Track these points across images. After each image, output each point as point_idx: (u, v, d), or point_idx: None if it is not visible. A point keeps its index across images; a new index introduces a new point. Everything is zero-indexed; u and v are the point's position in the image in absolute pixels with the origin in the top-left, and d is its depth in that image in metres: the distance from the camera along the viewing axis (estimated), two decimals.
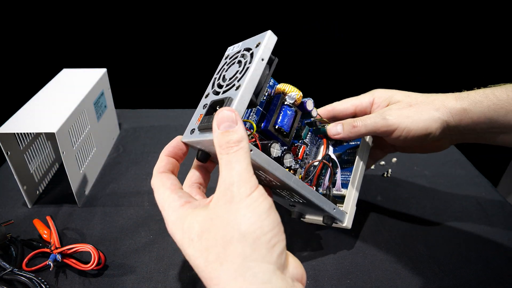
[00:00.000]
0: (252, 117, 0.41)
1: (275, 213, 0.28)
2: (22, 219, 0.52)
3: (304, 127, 0.45)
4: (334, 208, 0.42)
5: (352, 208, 0.44)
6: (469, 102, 0.39)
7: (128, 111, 0.83)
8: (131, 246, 0.48)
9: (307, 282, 0.43)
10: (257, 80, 0.34)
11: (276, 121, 0.41)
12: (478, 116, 0.39)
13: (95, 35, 1.10)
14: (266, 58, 0.35)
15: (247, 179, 0.28)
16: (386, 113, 0.41)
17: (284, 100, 0.42)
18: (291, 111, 0.42)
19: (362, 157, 0.47)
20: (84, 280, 0.43)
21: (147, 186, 0.60)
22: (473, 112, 0.39)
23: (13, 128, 0.48)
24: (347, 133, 0.43)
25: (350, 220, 0.44)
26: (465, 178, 0.63)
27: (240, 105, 0.32)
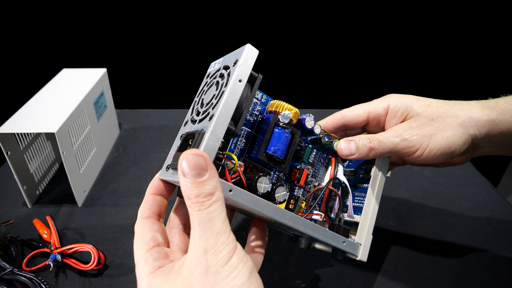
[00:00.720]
0: (240, 142, 0.35)
1: (256, 278, 0.26)
2: (22, 219, 0.52)
3: (306, 147, 0.39)
4: (343, 241, 0.37)
5: (367, 238, 0.38)
6: (497, 112, 0.36)
7: (128, 111, 0.83)
8: (131, 246, 0.48)
9: (307, 282, 0.43)
10: (234, 105, 0.29)
11: (268, 147, 0.35)
12: (508, 127, 0.36)
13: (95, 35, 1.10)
14: (244, 78, 0.30)
15: (223, 242, 0.25)
16: (406, 133, 0.37)
17: (277, 120, 0.35)
18: (286, 133, 0.35)
19: (379, 175, 0.40)
20: (84, 280, 0.43)
21: (147, 186, 0.59)
22: (503, 123, 0.36)
23: (13, 128, 0.48)
24: (362, 155, 0.37)
25: (365, 252, 0.38)
26: (465, 178, 0.63)
27: (213, 141, 0.28)
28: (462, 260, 0.46)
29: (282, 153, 0.35)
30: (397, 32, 1.08)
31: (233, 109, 0.29)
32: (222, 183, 0.28)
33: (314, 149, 0.40)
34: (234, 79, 0.30)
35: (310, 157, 0.40)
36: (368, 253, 0.38)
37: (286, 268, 0.45)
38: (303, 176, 0.39)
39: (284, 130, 0.35)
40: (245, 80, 0.30)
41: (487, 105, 0.36)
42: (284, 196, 0.33)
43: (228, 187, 0.29)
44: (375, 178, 0.39)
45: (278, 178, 0.38)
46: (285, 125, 0.35)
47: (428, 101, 0.38)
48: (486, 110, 0.36)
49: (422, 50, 1.10)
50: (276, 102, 0.36)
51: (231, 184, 0.29)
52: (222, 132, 0.28)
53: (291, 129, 0.35)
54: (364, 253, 0.38)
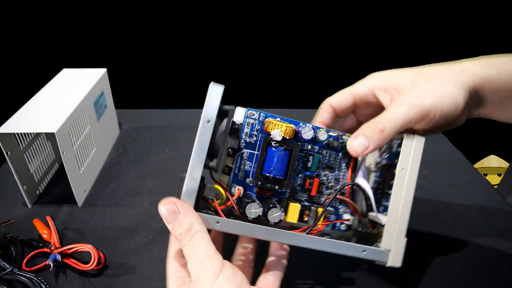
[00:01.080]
0: (243, 165, 0.36)
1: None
2: (22, 219, 0.52)
3: (313, 155, 0.37)
4: (363, 250, 0.34)
5: (397, 241, 0.34)
6: (492, 68, 0.34)
7: (128, 111, 0.83)
8: (131, 246, 0.48)
9: (307, 282, 0.43)
10: (206, 146, 0.31)
11: (264, 168, 0.35)
12: (501, 85, 0.34)
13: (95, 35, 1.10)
14: (212, 118, 0.32)
15: (207, 265, 0.29)
16: (410, 98, 0.34)
17: (269, 140, 0.34)
18: (280, 152, 0.34)
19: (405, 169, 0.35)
20: (84, 280, 0.43)
21: (147, 186, 0.60)
22: (497, 80, 0.34)
23: (13, 128, 0.48)
24: (377, 142, 0.34)
25: (397, 257, 0.34)
26: (465, 178, 0.63)
27: (191, 183, 0.31)
28: (462, 260, 0.46)
29: (280, 172, 0.35)
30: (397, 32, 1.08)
31: (205, 149, 0.32)
32: (208, 218, 0.32)
33: (332, 153, 0.38)
34: (202, 121, 0.32)
35: (325, 162, 0.38)
36: (401, 257, 0.35)
37: None
38: (314, 186, 0.37)
39: (277, 149, 0.34)
40: (213, 119, 0.32)
41: (480, 62, 0.35)
42: (279, 216, 0.34)
43: (215, 220, 0.32)
44: (401, 172, 0.35)
45: (292, 190, 0.37)
46: (278, 143, 0.34)
47: (414, 69, 0.36)
48: (480, 66, 0.34)
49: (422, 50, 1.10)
50: (267, 122, 0.35)
51: (216, 217, 0.32)
52: (199, 173, 0.32)
53: (286, 146, 0.35)
54: (396, 259, 0.34)
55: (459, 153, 0.70)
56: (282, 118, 0.36)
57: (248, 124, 0.35)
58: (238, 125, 0.35)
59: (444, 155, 0.69)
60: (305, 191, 0.38)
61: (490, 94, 0.35)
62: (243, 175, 0.36)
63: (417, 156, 0.36)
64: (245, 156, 0.36)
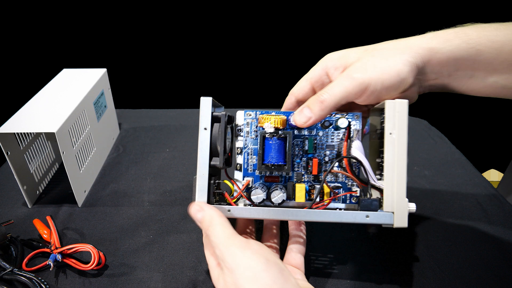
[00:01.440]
0: (251, 158, 0.41)
1: (275, 264, 0.31)
2: (22, 219, 0.52)
3: (308, 138, 0.41)
4: (366, 215, 0.36)
5: (399, 203, 0.36)
6: (437, 40, 0.35)
7: (128, 111, 0.83)
8: (131, 246, 0.48)
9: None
10: (207, 149, 0.37)
11: (264, 159, 0.39)
12: (447, 56, 0.35)
13: (95, 35, 1.10)
14: (208, 125, 0.38)
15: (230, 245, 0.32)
16: (351, 71, 0.36)
17: (264, 133, 0.39)
18: (275, 141, 0.38)
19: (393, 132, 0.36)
20: (84, 280, 0.43)
21: (147, 186, 0.60)
22: (442, 51, 0.35)
23: (13, 128, 0.48)
24: (318, 113, 0.35)
25: (401, 218, 0.36)
26: (465, 178, 0.63)
27: (202, 181, 0.37)
28: (462, 260, 0.46)
29: (279, 159, 0.39)
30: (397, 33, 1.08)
31: (207, 152, 0.37)
32: (220, 207, 0.37)
33: (327, 132, 0.41)
34: (200, 129, 0.38)
35: (324, 142, 0.41)
36: (406, 218, 0.36)
37: None
38: (314, 166, 0.41)
39: (272, 139, 0.39)
40: (209, 126, 0.38)
41: (425, 36, 0.36)
42: (281, 197, 0.39)
43: (227, 209, 0.37)
44: (389, 136, 0.36)
45: (298, 174, 0.41)
46: (272, 134, 0.39)
47: (363, 47, 0.38)
48: (425, 39, 0.36)
49: None
50: (260, 118, 0.40)
51: (228, 206, 0.37)
52: (206, 173, 0.37)
53: (279, 135, 0.39)
54: (401, 219, 0.36)
55: (459, 153, 0.70)
56: (277, 112, 0.40)
57: (247, 124, 0.41)
58: (240, 126, 0.41)
59: (444, 155, 0.69)
60: (309, 172, 0.41)
61: (437, 66, 0.36)
62: (252, 168, 0.41)
63: (403, 119, 0.36)
64: (251, 152, 0.41)
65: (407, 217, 0.36)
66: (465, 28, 0.36)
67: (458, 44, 0.35)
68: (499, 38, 0.34)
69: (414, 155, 0.68)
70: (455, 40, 0.35)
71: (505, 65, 0.35)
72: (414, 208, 0.36)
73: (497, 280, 0.44)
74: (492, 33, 0.35)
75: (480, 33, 0.35)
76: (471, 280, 0.44)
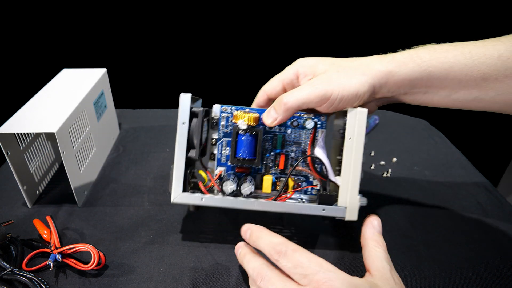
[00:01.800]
0: (224, 150, 0.45)
1: None
2: (22, 219, 0.52)
3: (278, 135, 0.45)
4: (323, 209, 0.42)
5: (352, 199, 0.41)
6: (394, 64, 0.40)
7: (128, 111, 0.83)
8: (131, 246, 0.48)
9: None
10: (185, 141, 0.41)
11: (237, 152, 0.43)
12: (403, 78, 0.40)
13: (95, 35, 1.10)
14: (186, 119, 0.41)
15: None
16: (316, 82, 0.40)
17: (238, 129, 0.42)
18: (247, 137, 0.42)
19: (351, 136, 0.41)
20: (84, 280, 0.43)
21: (147, 186, 0.60)
22: (398, 74, 0.39)
23: (13, 128, 0.48)
24: (282, 114, 0.40)
25: (352, 212, 0.42)
26: (465, 178, 0.63)
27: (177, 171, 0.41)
28: (462, 260, 0.46)
29: (250, 154, 0.42)
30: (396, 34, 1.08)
31: (184, 144, 0.41)
32: (194, 195, 0.41)
33: (295, 131, 0.45)
34: (178, 123, 0.41)
35: (292, 140, 0.45)
36: (357, 212, 0.42)
37: None
38: (281, 161, 0.45)
39: (245, 135, 0.42)
40: (187, 120, 0.41)
41: (385, 58, 0.40)
42: (249, 189, 0.43)
43: (200, 197, 0.41)
44: (348, 141, 0.41)
45: (266, 166, 0.46)
46: (244, 130, 0.42)
47: (332, 59, 0.43)
48: (384, 63, 0.40)
49: None
50: (234, 115, 0.43)
51: (201, 195, 0.41)
52: (183, 163, 0.41)
53: (252, 132, 0.42)
54: (352, 214, 0.42)
55: (459, 153, 0.70)
56: (251, 109, 0.44)
57: (223, 118, 0.45)
58: (216, 119, 0.45)
59: (444, 155, 0.69)
60: (276, 166, 0.46)
61: (394, 86, 0.41)
62: (225, 159, 0.45)
63: (361, 125, 0.41)
64: (224, 144, 0.45)
65: (357, 212, 0.42)
66: (419, 50, 0.40)
67: (412, 67, 0.39)
68: (448, 59, 0.39)
69: (414, 155, 0.68)
70: (409, 63, 0.39)
71: (455, 82, 0.39)
72: (365, 202, 0.42)
73: (497, 280, 0.44)
74: (442, 54, 0.39)
75: (432, 55, 0.39)
76: (471, 280, 0.44)
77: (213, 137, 0.45)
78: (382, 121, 0.79)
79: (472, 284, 0.43)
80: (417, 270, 0.45)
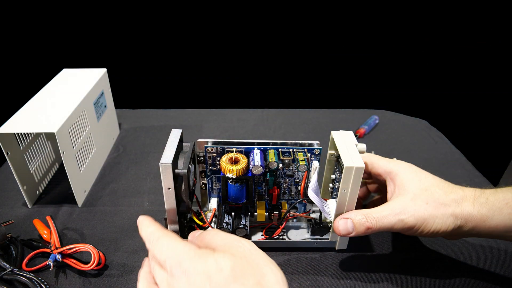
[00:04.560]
0: (215, 185, 0.47)
1: None
2: (22, 219, 0.52)
3: (268, 179, 0.46)
4: (315, 242, 0.46)
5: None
6: (488, 208, 0.37)
7: (128, 111, 0.83)
8: (131, 246, 0.48)
9: (307, 282, 0.43)
10: (173, 203, 0.41)
11: (228, 197, 0.44)
12: (496, 224, 0.37)
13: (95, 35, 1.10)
14: (171, 185, 0.39)
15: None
16: (403, 214, 0.38)
17: (227, 178, 0.42)
18: (237, 186, 0.42)
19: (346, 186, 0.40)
20: (84, 280, 0.43)
21: (147, 186, 0.60)
22: (492, 220, 0.37)
23: (13, 128, 0.48)
24: (359, 234, 0.40)
25: (342, 243, 0.45)
26: (465, 178, 0.63)
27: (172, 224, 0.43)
28: (462, 260, 0.46)
29: (241, 198, 0.44)
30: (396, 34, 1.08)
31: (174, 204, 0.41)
32: None
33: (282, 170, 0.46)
34: (164, 188, 0.40)
35: (284, 172, 0.46)
36: (347, 243, 0.45)
37: None
38: (274, 197, 0.47)
39: (234, 185, 0.43)
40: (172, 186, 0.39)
41: (478, 200, 0.38)
42: (243, 232, 0.44)
43: None
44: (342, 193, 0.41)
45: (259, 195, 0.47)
46: (234, 180, 0.42)
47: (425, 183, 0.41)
48: (477, 205, 0.38)
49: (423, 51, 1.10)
50: (221, 166, 0.42)
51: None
52: (175, 219, 0.42)
53: (242, 181, 0.42)
54: (341, 244, 0.45)
55: (459, 153, 0.70)
56: (238, 148, 0.43)
57: (209, 158, 0.45)
58: (201, 156, 0.45)
59: (444, 155, 0.69)
60: (268, 199, 0.47)
61: (483, 230, 0.38)
62: (217, 192, 0.48)
63: (357, 181, 0.39)
64: (214, 179, 0.47)
65: (347, 242, 0.45)
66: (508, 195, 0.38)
67: (508, 213, 0.37)
68: None
69: (414, 155, 0.68)
70: (504, 209, 0.37)
71: None
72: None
73: (497, 280, 0.44)
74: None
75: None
76: (471, 280, 0.44)
77: (201, 169, 0.47)
78: (382, 121, 0.79)
79: (472, 284, 0.43)
80: (417, 270, 0.45)
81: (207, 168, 0.46)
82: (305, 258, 0.46)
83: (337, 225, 0.40)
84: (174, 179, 0.39)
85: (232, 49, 1.12)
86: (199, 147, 0.45)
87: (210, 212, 0.47)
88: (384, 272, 0.45)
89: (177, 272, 0.29)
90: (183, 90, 1.18)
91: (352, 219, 0.39)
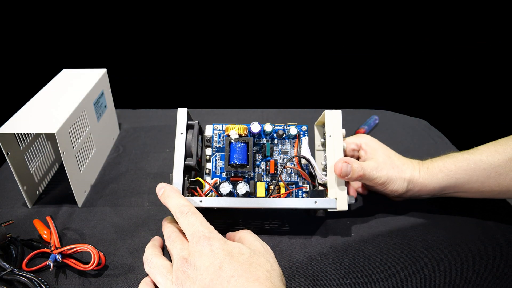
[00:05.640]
0: (218, 162, 0.50)
1: None
2: (22, 219, 0.52)
3: (266, 144, 0.49)
4: (315, 201, 0.45)
5: (340, 190, 0.46)
6: (428, 175, 0.49)
7: (128, 111, 0.83)
8: (131, 246, 0.48)
9: (307, 282, 0.43)
10: (183, 150, 0.45)
11: (230, 160, 0.47)
12: (434, 186, 0.49)
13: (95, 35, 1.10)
14: (183, 130, 0.46)
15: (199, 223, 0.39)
16: (380, 171, 0.49)
17: (230, 139, 0.47)
18: (239, 145, 0.47)
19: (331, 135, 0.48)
20: (84, 280, 0.43)
21: (147, 186, 0.60)
22: (431, 183, 0.49)
23: (13, 128, 0.48)
24: (352, 179, 0.47)
25: (342, 203, 0.46)
26: None
27: (177, 178, 0.45)
28: (462, 260, 0.46)
29: (242, 159, 0.46)
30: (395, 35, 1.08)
31: (182, 153, 0.45)
32: (193, 198, 0.44)
33: (281, 141, 0.50)
34: (177, 134, 0.46)
35: (279, 149, 0.50)
36: (347, 202, 0.46)
37: None
38: (271, 166, 0.49)
39: (236, 143, 0.47)
40: (185, 131, 0.46)
41: (422, 169, 0.50)
42: (244, 188, 0.45)
43: (199, 199, 0.44)
44: (329, 138, 0.47)
45: (258, 175, 0.50)
46: (236, 140, 0.47)
47: (387, 151, 0.52)
48: (422, 173, 0.50)
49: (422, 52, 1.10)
50: (226, 128, 0.48)
51: (200, 197, 0.44)
52: (181, 170, 0.45)
53: (243, 140, 0.47)
54: (342, 204, 0.45)
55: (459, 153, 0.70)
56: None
57: (215, 135, 0.50)
58: (209, 137, 0.50)
59: None
60: (267, 172, 0.49)
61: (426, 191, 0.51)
62: (219, 171, 0.50)
63: (338, 123, 0.48)
64: (218, 157, 0.50)
65: (347, 202, 0.46)
66: (446, 161, 0.50)
67: (441, 177, 0.49)
68: (470, 166, 0.48)
69: (414, 155, 0.68)
70: (439, 174, 0.49)
71: (478, 183, 0.49)
72: (353, 200, 0.49)
73: (497, 280, 0.44)
74: (464, 163, 0.49)
75: (456, 165, 0.49)
76: (471, 280, 0.44)
77: (207, 153, 0.50)
78: (382, 121, 0.79)
79: (472, 284, 0.43)
80: (417, 270, 0.45)
81: (212, 145, 0.50)
82: (305, 258, 0.46)
83: (340, 166, 0.45)
84: (186, 127, 0.45)
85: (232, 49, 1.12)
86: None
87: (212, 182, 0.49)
88: (384, 272, 0.45)
89: (204, 243, 0.36)
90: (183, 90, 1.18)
91: (352, 165, 0.46)
